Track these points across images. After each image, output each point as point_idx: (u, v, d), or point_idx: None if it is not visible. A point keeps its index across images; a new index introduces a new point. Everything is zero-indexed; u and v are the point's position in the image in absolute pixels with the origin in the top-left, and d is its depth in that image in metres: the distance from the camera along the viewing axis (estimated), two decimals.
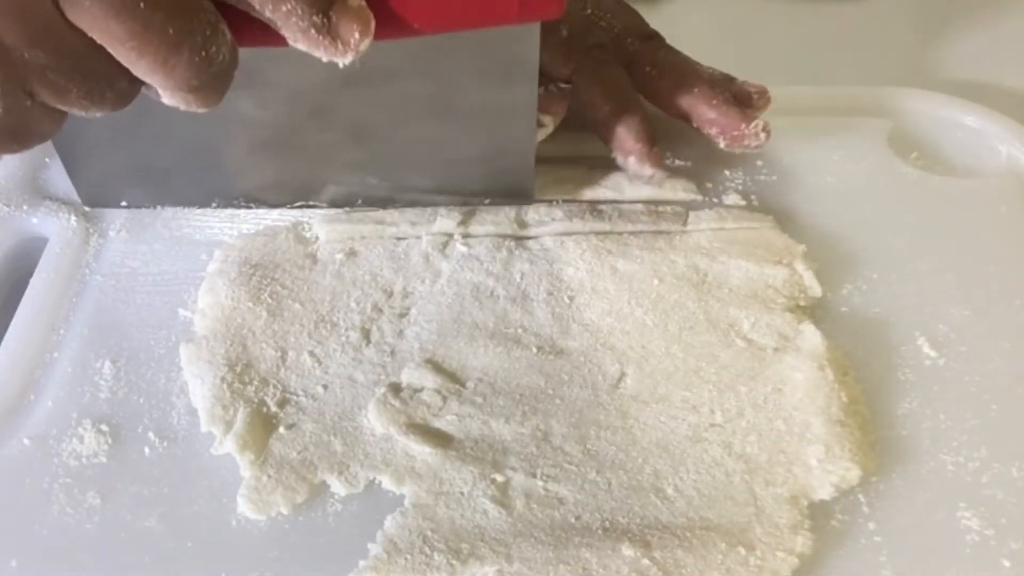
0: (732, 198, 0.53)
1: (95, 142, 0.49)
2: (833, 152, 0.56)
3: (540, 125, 0.51)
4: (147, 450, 0.42)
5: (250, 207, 0.52)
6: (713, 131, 0.52)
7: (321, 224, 0.50)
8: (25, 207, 0.53)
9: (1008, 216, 0.52)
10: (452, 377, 0.44)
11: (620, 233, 0.50)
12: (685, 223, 0.50)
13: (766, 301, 0.46)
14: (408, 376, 0.44)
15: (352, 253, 0.49)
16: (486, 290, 0.47)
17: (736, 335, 0.45)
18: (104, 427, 0.43)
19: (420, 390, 0.43)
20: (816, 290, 0.47)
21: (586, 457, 0.41)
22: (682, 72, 0.53)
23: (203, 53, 0.33)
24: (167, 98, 0.35)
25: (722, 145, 0.52)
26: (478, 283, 0.48)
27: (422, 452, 0.41)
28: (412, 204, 0.51)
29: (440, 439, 0.42)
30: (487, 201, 0.51)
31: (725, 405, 0.43)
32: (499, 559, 0.37)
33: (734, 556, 0.37)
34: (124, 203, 0.52)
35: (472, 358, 0.45)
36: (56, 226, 0.52)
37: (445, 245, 0.49)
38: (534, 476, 0.40)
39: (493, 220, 0.50)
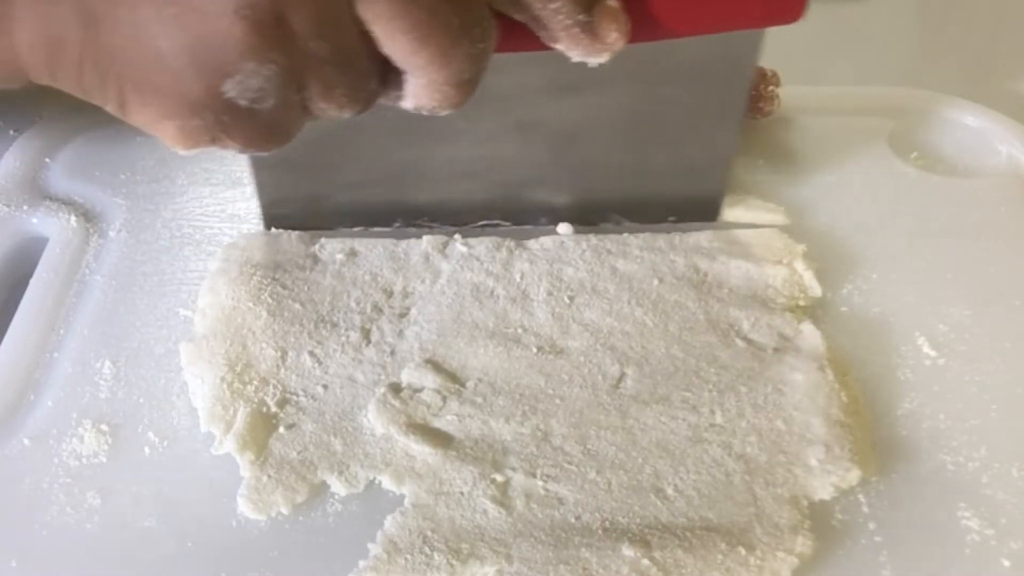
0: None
1: (290, 160, 0.48)
2: (833, 152, 0.56)
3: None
4: (147, 450, 0.42)
5: (432, 227, 0.51)
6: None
7: None
8: (25, 207, 0.53)
9: (1008, 216, 0.52)
10: (452, 377, 0.44)
11: (620, 233, 0.50)
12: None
13: (766, 301, 0.46)
14: (408, 376, 0.44)
15: (352, 253, 0.49)
16: (486, 290, 0.47)
17: (736, 335, 0.45)
18: (104, 427, 0.42)
19: (420, 390, 0.43)
20: (816, 290, 0.47)
21: (586, 457, 0.41)
22: None
23: (480, 45, 0.33)
24: (420, 97, 0.34)
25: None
26: (478, 283, 0.48)
27: (422, 452, 0.41)
28: (591, 224, 0.51)
29: (440, 439, 0.41)
30: (671, 219, 0.51)
31: (725, 405, 0.42)
32: (499, 559, 0.37)
33: (734, 556, 0.37)
34: (307, 225, 0.51)
35: (472, 358, 0.45)
36: (56, 226, 0.52)
37: (445, 245, 0.49)
38: (534, 476, 0.40)
39: None
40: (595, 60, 0.35)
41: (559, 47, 0.35)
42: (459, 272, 0.48)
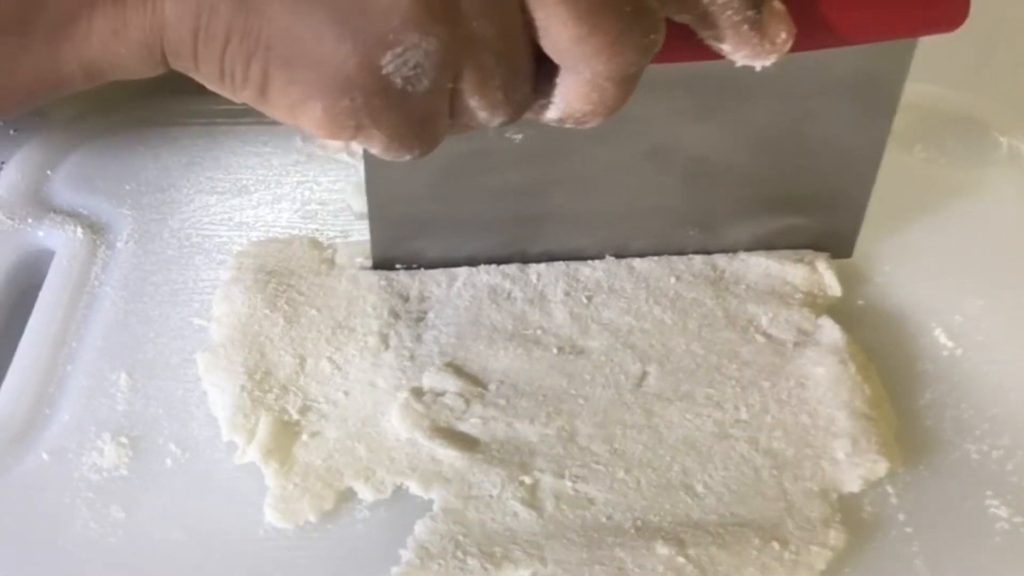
0: None
1: (408, 192, 0.46)
2: None
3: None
4: (169, 461, 0.41)
5: (550, 263, 0.48)
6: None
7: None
8: (30, 220, 0.52)
9: (1013, 206, 0.53)
10: (474, 380, 0.44)
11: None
12: None
13: (784, 296, 0.47)
14: (429, 380, 0.44)
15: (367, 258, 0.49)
16: (503, 292, 0.47)
17: (755, 331, 0.45)
18: (123, 439, 0.42)
19: (442, 394, 0.43)
20: (836, 290, 0.47)
21: (613, 456, 0.41)
22: None
23: (652, 36, 0.31)
24: (572, 100, 0.32)
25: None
26: (494, 285, 0.47)
27: (448, 456, 0.41)
28: (713, 253, 0.48)
29: (465, 442, 0.41)
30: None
31: (749, 401, 0.43)
32: (533, 561, 0.37)
33: (769, 551, 0.37)
34: (416, 263, 0.48)
35: (492, 360, 0.44)
36: (62, 238, 0.51)
37: None
38: (562, 477, 0.40)
39: None
40: (761, 63, 0.33)
41: (724, 47, 0.33)
42: (474, 274, 0.48)
